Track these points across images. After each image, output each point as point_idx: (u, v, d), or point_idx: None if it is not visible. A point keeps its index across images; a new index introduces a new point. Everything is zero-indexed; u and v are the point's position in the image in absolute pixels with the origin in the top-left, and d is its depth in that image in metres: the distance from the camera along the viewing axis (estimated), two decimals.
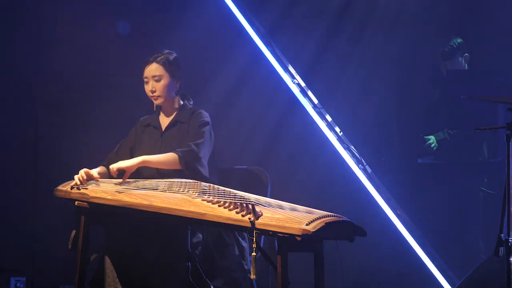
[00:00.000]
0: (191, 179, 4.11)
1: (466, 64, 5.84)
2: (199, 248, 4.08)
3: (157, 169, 4.24)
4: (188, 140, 4.27)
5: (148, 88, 4.40)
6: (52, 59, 6.02)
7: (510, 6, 5.90)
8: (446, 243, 5.60)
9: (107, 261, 4.07)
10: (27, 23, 6.03)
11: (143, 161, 4.16)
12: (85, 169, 4.16)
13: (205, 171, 4.21)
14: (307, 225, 3.46)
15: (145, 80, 4.41)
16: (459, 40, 5.84)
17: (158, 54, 4.41)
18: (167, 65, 4.38)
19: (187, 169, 4.17)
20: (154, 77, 4.37)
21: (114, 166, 4.14)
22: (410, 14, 6.02)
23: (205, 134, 4.31)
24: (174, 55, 4.44)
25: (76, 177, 4.13)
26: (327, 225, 3.53)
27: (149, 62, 4.39)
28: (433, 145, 5.74)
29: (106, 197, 3.95)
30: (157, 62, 4.38)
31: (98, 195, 3.98)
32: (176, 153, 4.19)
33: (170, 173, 4.21)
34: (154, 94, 4.38)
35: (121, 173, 4.15)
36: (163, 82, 4.38)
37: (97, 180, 4.17)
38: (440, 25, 6.05)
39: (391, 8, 6.05)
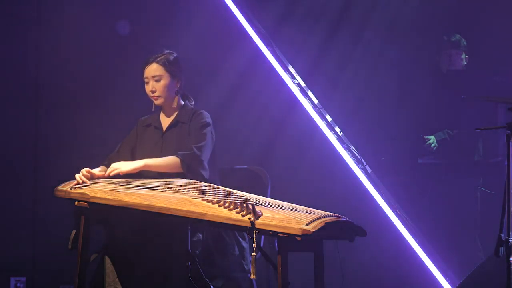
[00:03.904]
0: (192, 179, 4.11)
1: (465, 65, 5.85)
2: (199, 248, 4.08)
3: None
4: (189, 142, 4.27)
5: (148, 88, 4.40)
6: (52, 60, 6.02)
7: (509, 6, 5.91)
8: (446, 243, 5.60)
9: (107, 261, 4.07)
10: (27, 23, 6.03)
11: (145, 165, 4.14)
12: (86, 169, 4.16)
13: (206, 174, 4.21)
14: (307, 225, 3.47)
15: (145, 80, 4.41)
16: (465, 42, 5.84)
17: (158, 54, 4.40)
18: (167, 65, 4.38)
19: (189, 172, 4.16)
20: (154, 77, 4.37)
21: (114, 169, 4.11)
22: (409, 15, 6.02)
23: (207, 136, 4.30)
24: (175, 55, 4.44)
25: (77, 176, 4.13)
26: (327, 225, 3.53)
27: (149, 62, 4.39)
28: (433, 145, 5.74)
29: (106, 197, 3.95)
30: (157, 62, 4.38)
31: (98, 195, 3.98)
32: (178, 157, 4.18)
33: (170, 173, 4.21)
34: (155, 94, 4.38)
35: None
36: (163, 82, 4.37)
37: (97, 180, 4.17)
38: (439, 25, 6.05)
39: (391, 9, 6.05)
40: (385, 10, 6.06)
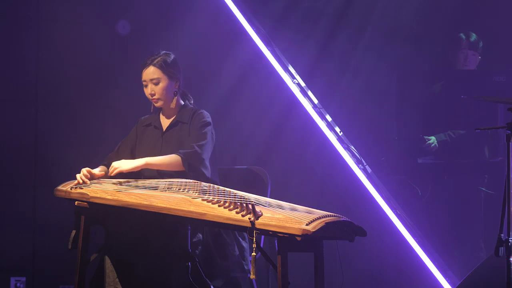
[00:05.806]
0: (192, 179, 4.11)
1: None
2: (199, 248, 4.08)
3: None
4: (190, 141, 4.27)
5: (147, 91, 4.38)
6: (52, 59, 6.01)
7: (509, 6, 5.91)
8: (446, 243, 5.60)
9: (107, 261, 4.07)
10: (27, 23, 6.03)
11: (146, 164, 4.14)
12: (87, 168, 4.16)
13: (207, 173, 4.21)
14: (307, 225, 3.47)
15: (144, 83, 4.39)
16: (481, 44, 5.79)
17: (155, 57, 4.37)
18: (164, 67, 4.35)
19: (190, 170, 4.16)
20: (153, 81, 4.35)
21: (115, 168, 4.12)
22: (410, 15, 6.02)
23: (207, 135, 4.30)
24: (172, 56, 4.41)
25: (78, 176, 4.13)
26: (327, 225, 3.53)
27: (146, 65, 4.37)
28: (433, 145, 5.73)
29: (106, 197, 3.95)
30: (154, 65, 4.35)
31: (98, 195, 3.98)
32: (179, 155, 4.18)
33: (170, 173, 4.21)
34: (154, 97, 4.37)
35: (120, 174, 4.15)
36: (161, 85, 4.36)
37: (98, 180, 4.17)
38: (440, 25, 6.05)
39: (391, 9, 6.05)
40: (385, 10, 6.06)
